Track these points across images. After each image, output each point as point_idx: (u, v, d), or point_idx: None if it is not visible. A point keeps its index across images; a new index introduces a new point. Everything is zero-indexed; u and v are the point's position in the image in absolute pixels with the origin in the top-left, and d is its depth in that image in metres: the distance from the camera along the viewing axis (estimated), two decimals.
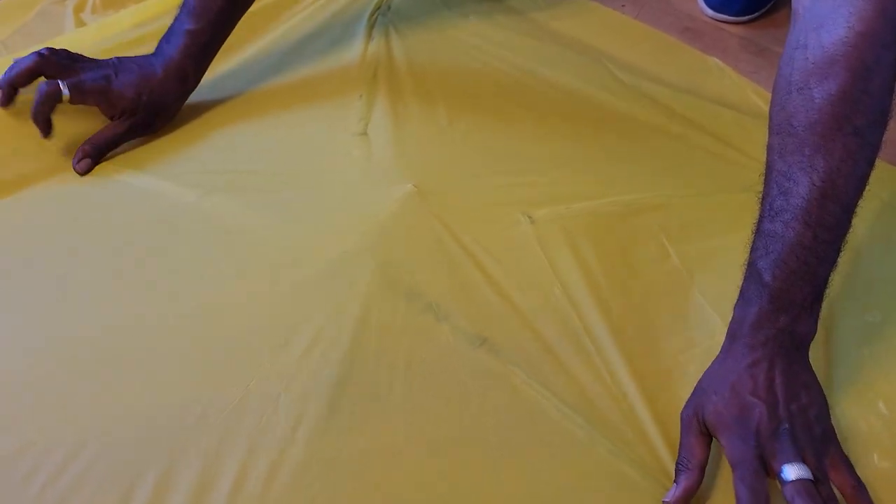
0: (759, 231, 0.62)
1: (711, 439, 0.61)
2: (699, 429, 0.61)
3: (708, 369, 0.63)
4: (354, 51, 0.97)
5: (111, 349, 0.67)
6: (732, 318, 0.63)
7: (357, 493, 0.59)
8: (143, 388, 0.64)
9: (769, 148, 0.62)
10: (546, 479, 0.60)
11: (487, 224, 0.77)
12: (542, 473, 0.60)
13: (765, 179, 0.63)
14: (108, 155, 0.83)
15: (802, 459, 0.57)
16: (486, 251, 0.75)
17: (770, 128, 0.63)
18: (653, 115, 0.92)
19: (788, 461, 0.56)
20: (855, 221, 0.62)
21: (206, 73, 0.87)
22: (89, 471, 0.59)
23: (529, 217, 0.78)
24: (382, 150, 0.84)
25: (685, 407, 0.63)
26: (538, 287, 0.72)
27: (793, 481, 0.55)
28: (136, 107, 0.82)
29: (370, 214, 0.77)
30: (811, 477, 0.56)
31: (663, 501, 0.59)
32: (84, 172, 0.81)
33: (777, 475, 0.57)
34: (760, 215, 0.62)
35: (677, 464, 0.60)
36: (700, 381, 0.63)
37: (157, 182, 0.80)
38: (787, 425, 0.57)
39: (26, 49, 0.85)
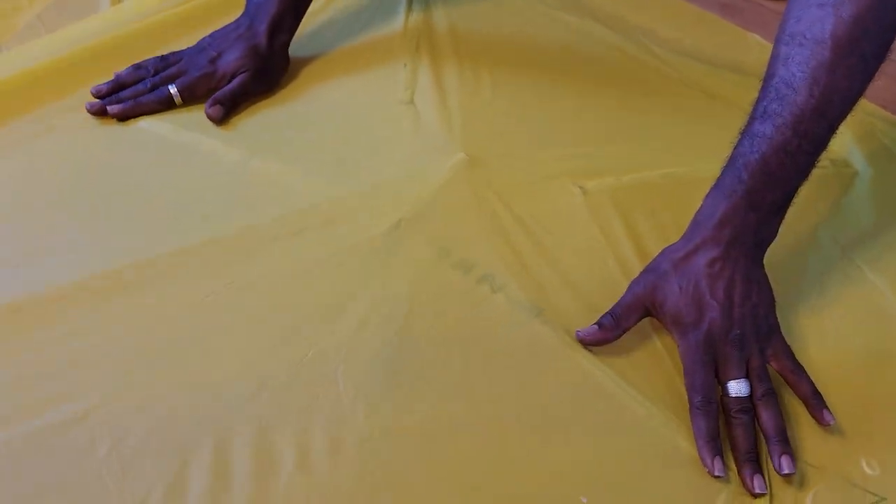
0: (747, 131, 0.64)
1: (647, 316, 0.66)
2: (644, 304, 0.65)
3: (670, 249, 0.66)
4: (396, 21, 0.96)
5: (166, 318, 0.66)
6: (701, 206, 0.66)
7: (419, 466, 0.58)
8: (200, 358, 0.63)
9: (774, 57, 0.64)
10: (602, 452, 0.60)
11: (539, 194, 0.77)
12: (598, 446, 0.60)
13: (762, 85, 0.64)
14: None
15: (747, 364, 0.62)
16: (538, 222, 0.74)
17: (779, 38, 0.64)
18: (696, 91, 0.91)
19: (733, 377, 0.62)
20: None
21: None
22: (148, 439, 0.58)
23: (581, 188, 0.77)
24: (430, 118, 0.84)
25: (638, 279, 0.66)
26: (592, 258, 0.72)
27: (732, 397, 0.61)
28: (246, 68, 0.82)
29: (422, 184, 0.77)
30: (747, 393, 0.61)
31: (576, 332, 0.65)
32: (217, 118, 0.81)
33: (722, 385, 0.62)
34: (751, 116, 0.64)
35: (607, 312, 0.65)
36: (660, 260, 0.66)
37: (203, 138, 0.80)
38: (738, 330, 0.62)
39: (61, 24, 0.84)
